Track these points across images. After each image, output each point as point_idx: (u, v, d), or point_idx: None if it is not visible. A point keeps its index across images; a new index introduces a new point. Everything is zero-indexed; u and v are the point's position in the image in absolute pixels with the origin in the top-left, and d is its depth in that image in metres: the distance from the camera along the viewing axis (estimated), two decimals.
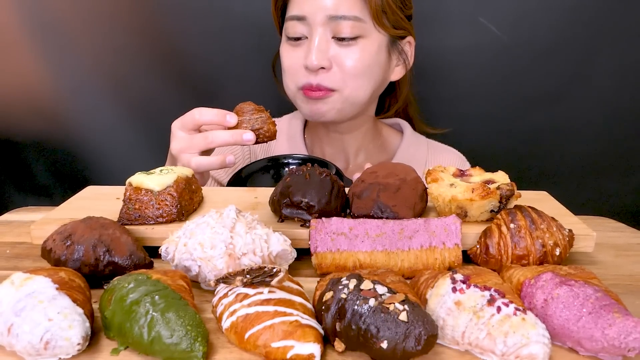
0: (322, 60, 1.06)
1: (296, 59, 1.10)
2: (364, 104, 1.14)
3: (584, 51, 1.44)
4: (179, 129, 0.96)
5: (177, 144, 0.95)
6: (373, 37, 1.08)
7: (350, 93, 1.10)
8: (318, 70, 1.07)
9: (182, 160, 0.95)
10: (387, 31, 1.09)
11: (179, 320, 0.52)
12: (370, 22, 1.06)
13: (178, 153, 0.95)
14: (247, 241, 0.64)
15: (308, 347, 0.51)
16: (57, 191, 1.63)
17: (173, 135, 0.97)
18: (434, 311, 0.56)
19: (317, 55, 1.05)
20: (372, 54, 1.08)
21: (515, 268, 0.65)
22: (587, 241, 0.74)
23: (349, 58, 1.07)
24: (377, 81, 1.13)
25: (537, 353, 0.50)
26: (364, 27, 1.06)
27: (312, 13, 1.06)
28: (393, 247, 0.69)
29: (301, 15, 1.07)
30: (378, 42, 1.09)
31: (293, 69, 1.11)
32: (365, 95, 1.12)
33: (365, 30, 1.06)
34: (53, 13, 1.44)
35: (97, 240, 0.66)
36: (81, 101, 1.54)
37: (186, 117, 0.95)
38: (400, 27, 1.11)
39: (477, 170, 0.80)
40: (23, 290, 0.54)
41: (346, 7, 1.04)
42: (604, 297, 0.54)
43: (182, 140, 0.95)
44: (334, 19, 1.04)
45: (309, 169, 0.78)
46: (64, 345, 0.51)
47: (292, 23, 1.09)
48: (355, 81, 1.09)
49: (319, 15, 1.05)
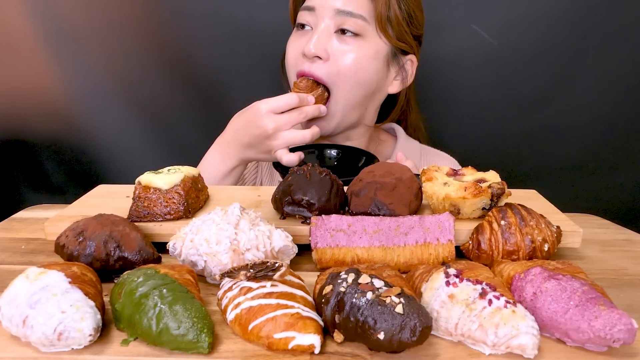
0: (319, 49, 1.05)
1: (298, 45, 1.10)
2: (356, 108, 1.12)
3: (570, 56, 1.44)
4: (272, 112, 1.00)
5: (273, 122, 1.00)
6: (373, 41, 1.07)
7: (341, 94, 1.08)
8: (314, 59, 1.06)
9: (278, 138, 1.00)
10: (389, 40, 1.07)
11: (186, 312, 0.52)
12: (374, 25, 1.05)
13: (276, 131, 1.00)
14: (251, 237, 0.64)
15: (308, 338, 0.51)
16: (70, 190, 1.63)
17: (262, 117, 1.00)
18: (429, 304, 0.55)
19: (315, 43, 1.05)
20: (369, 57, 1.07)
21: (505, 263, 0.65)
22: (574, 237, 0.74)
23: (346, 54, 1.06)
24: (369, 86, 1.10)
25: (527, 343, 0.50)
26: (366, 27, 1.05)
27: (322, 5, 1.06)
28: (389, 243, 0.69)
29: (311, 6, 1.07)
30: (377, 47, 1.07)
31: (293, 56, 1.11)
32: (357, 97, 1.09)
33: (367, 32, 1.05)
34: (66, 20, 1.44)
35: (108, 237, 0.66)
36: (93, 104, 1.54)
37: (278, 101, 1.01)
38: (403, 40, 1.09)
39: (470, 170, 0.80)
40: (37, 284, 0.54)
41: (354, 5, 1.04)
42: (590, 291, 0.54)
43: (279, 118, 1.00)
44: (340, 13, 1.04)
45: (310, 168, 0.78)
46: (76, 337, 0.51)
47: (302, 13, 1.09)
48: (347, 80, 1.07)
49: (327, 8, 1.05)
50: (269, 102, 1.01)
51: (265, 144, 1.02)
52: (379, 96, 1.16)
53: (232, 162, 1.07)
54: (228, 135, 1.07)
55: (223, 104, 1.50)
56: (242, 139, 1.04)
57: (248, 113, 1.04)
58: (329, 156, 1.12)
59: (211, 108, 1.55)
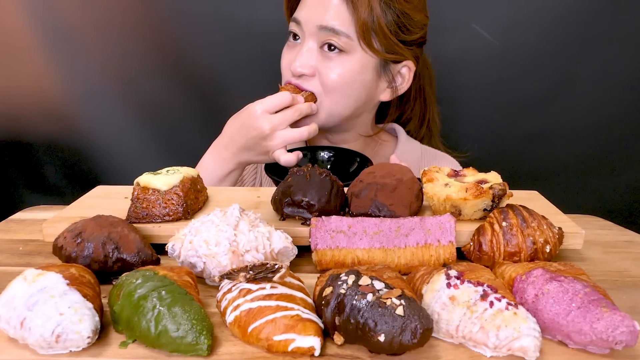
0: (305, 67, 1.06)
1: (288, 59, 1.11)
2: (347, 118, 1.12)
3: (572, 56, 1.44)
4: (266, 112, 1.01)
5: (268, 122, 1.01)
6: (358, 56, 1.05)
7: (329, 106, 1.09)
8: (301, 76, 1.08)
9: (275, 138, 1.01)
10: (375, 54, 1.05)
11: (185, 314, 0.52)
12: (357, 41, 1.04)
13: (272, 130, 1.01)
14: (250, 239, 0.64)
15: (308, 340, 0.51)
16: (68, 191, 1.63)
17: (257, 118, 1.01)
18: (429, 306, 0.55)
19: (300, 62, 1.06)
20: (354, 72, 1.06)
21: (507, 264, 0.65)
22: (576, 239, 0.74)
23: (331, 71, 1.06)
24: (357, 99, 1.10)
25: (528, 346, 0.50)
26: (350, 44, 1.04)
27: (306, 20, 1.06)
28: (390, 245, 0.69)
29: (298, 20, 1.07)
30: (363, 62, 1.06)
31: (284, 68, 1.13)
32: (345, 110, 1.10)
33: (351, 47, 1.04)
34: (65, 20, 1.44)
35: (107, 238, 0.66)
36: (91, 104, 1.54)
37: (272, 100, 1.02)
38: (392, 51, 1.07)
39: (471, 171, 0.80)
40: (35, 285, 0.54)
41: (337, 21, 1.03)
42: (592, 292, 0.54)
43: (274, 118, 1.01)
44: (323, 29, 1.04)
45: (310, 169, 0.78)
46: (74, 339, 0.51)
47: (292, 24, 1.10)
48: (333, 95, 1.07)
49: (310, 23, 1.05)
50: (263, 102, 1.02)
51: (262, 145, 1.02)
52: (371, 105, 1.16)
53: (229, 166, 1.07)
54: (224, 139, 1.07)
55: (222, 105, 1.50)
56: (239, 142, 1.04)
57: (243, 115, 1.04)
58: (322, 159, 1.12)
59: (210, 108, 1.56)
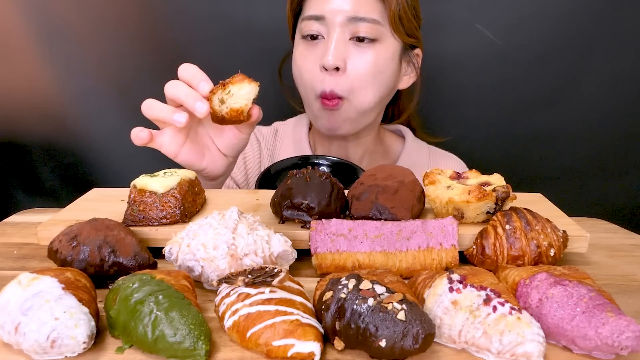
0: (338, 59, 1.04)
1: (312, 59, 1.08)
2: (372, 110, 1.12)
3: (577, 56, 1.44)
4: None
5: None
6: (389, 42, 1.07)
7: (358, 99, 1.07)
8: (333, 71, 1.05)
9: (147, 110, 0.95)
10: (401, 38, 1.07)
11: (182, 319, 0.52)
12: (388, 26, 1.05)
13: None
14: (249, 242, 0.64)
15: (308, 346, 0.51)
16: (64, 193, 1.63)
17: None
18: (432, 310, 0.55)
19: (334, 54, 1.03)
20: (387, 59, 1.07)
21: (510, 268, 0.65)
22: (580, 242, 0.74)
23: (364, 61, 1.05)
24: (387, 88, 1.11)
25: (532, 351, 0.50)
26: (381, 30, 1.05)
27: (332, 14, 1.04)
28: (391, 248, 0.69)
29: (320, 15, 1.05)
30: (393, 48, 1.08)
31: (309, 71, 1.08)
32: (373, 100, 1.09)
33: (382, 34, 1.05)
34: (60, 19, 1.45)
35: (103, 241, 0.66)
36: (87, 105, 1.54)
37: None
38: (413, 35, 1.10)
39: (474, 173, 0.80)
40: (30, 290, 0.54)
41: (366, 9, 1.03)
42: (597, 297, 0.54)
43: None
44: (353, 20, 1.03)
45: (310, 171, 0.78)
46: (70, 344, 0.51)
47: (309, 22, 1.07)
48: (364, 85, 1.06)
49: (339, 16, 1.03)
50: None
51: None
52: (391, 93, 1.17)
53: None
54: None
55: None
56: None
57: None
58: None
59: None
